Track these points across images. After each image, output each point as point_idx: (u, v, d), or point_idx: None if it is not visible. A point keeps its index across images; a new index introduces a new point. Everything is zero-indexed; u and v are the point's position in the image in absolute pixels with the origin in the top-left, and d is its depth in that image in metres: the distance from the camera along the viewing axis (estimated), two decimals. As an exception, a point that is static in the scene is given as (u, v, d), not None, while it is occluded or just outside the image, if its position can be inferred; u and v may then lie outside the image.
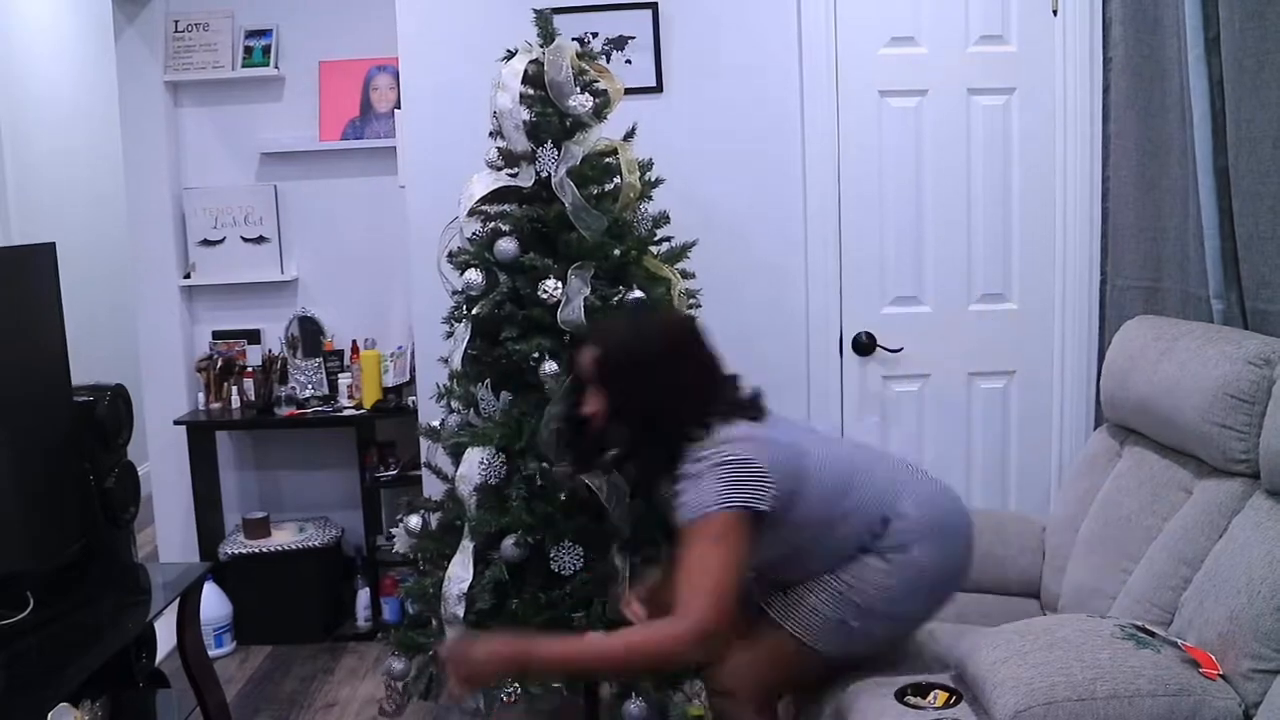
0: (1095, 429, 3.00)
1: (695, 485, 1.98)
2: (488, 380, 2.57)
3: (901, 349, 3.31)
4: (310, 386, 4.00)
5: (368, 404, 3.91)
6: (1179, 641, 1.94)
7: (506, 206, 2.64)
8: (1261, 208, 2.29)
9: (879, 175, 3.28)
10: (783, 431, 2.14)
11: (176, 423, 3.95)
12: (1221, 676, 1.84)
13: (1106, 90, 3.14)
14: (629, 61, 3.22)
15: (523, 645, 1.98)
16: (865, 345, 3.31)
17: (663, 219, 2.70)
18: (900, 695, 2.03)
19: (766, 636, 2.18)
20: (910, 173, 3.28)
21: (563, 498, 2.49)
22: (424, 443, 2.83)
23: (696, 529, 1.95)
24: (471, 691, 2.17)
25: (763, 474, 1.99)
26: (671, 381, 2.08)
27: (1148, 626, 1.99)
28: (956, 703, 2.00)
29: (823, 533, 2.11)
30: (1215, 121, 2.44)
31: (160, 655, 2.97)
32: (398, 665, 2.69)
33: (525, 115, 2.57)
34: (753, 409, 2.14)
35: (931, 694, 2.03)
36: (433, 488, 2.95)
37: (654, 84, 3.24)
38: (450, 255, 2.69)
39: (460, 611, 2.46)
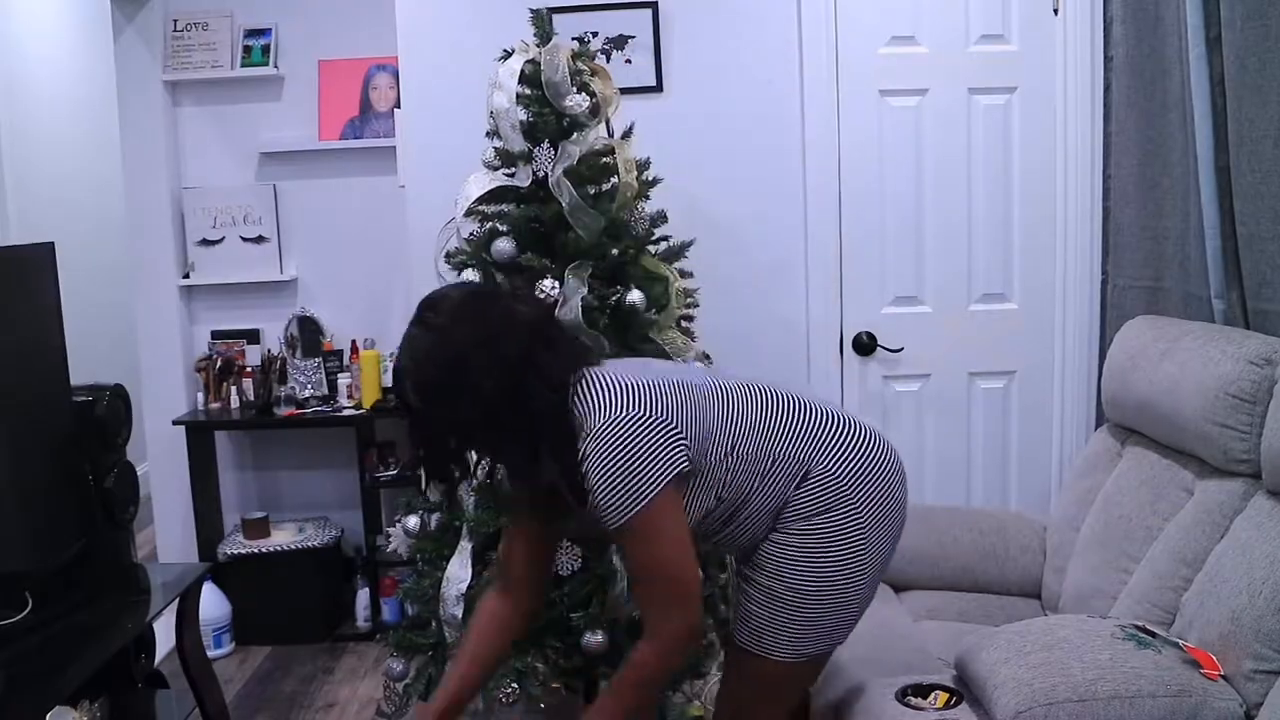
0: (1096, 429, 3.00)
1: (605, 478, 1.73)
2: (487, 380, 2.56)
3: (902, 349, 3.31)
4: (309, 386, 3.99)
5: (367, 404, 3.91)
6: (1180, 642, 1.93)
7: (504, 206, 2.63)
8: (1262, 207, 2.28)
9: (879, 175, 3.27)
10: (641, 369, 1.88)
11: (176, 423, 3.95)
12: (1223, 677, 1.84)
13: (1107, 89, 3.13)
14: (629, 61, 3.22)
15: None
16: (866, 345, 3.30)
17: (660, 218, 2.70)
18: (900, 695, 2.02)
19: (745, 669, 1.97)
20: (910, 172, 3.28)
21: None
22: (423, 443, 2.82)
23: (632, 529, 1.76)
24: None
25: (665, 426, 1.76)
26: (488, 371, 1.74)
27: (1149, 627, 1.99)
28: (957, 703, 1.99)
29: (750, 478, 1.87)
30: (1216, 120, 2.44)
31: (159, 656, 2.96)
32: (397, 666, 2.69)
33: (522, 115, 2.56)
34: (584, 354, 1.88)
35: (932, 694, 2.02)
36: (432, 488, 2.94)
37: (654, 84, 3.23)
38: (447, 255, 2.69)
39: (459, 612, 2.46)
